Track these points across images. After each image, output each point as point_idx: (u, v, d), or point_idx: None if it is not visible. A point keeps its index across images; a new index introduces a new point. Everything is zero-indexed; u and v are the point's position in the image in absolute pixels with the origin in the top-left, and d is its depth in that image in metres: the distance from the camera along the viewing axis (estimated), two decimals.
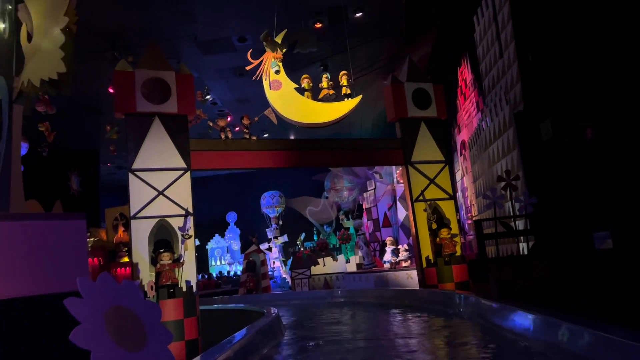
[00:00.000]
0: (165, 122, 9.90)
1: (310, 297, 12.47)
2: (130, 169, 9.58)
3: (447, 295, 7.92)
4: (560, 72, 7.34)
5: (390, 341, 5.89)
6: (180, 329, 9.03)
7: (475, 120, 15.06)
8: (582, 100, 6.64)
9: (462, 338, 5.60)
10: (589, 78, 6.72)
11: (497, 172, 9.66)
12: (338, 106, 12.06)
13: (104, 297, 4.34)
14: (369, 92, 20.80)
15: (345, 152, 11.62)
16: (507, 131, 8.92)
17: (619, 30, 6.40)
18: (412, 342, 5.55)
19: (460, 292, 7.40)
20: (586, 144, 6.52)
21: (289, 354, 5.74)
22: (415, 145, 11.77)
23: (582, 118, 6.59)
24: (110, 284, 4.56)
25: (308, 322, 8.83)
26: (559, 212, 7.89)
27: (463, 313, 7.02)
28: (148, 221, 9.54)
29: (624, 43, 6.34)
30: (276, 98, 11.69)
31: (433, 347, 5.32)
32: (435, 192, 11.72)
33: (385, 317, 8.42)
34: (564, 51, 7.44)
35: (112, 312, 4.44)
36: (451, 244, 11.19)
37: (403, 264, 14.13)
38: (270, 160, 10.86)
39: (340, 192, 21.79)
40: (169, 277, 9.23)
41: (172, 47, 16.36)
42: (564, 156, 7.32)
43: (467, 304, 6.91)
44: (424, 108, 11.89)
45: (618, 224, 6.26)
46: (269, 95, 11.54)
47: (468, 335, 5.80)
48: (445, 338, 5.74)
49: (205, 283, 23.33)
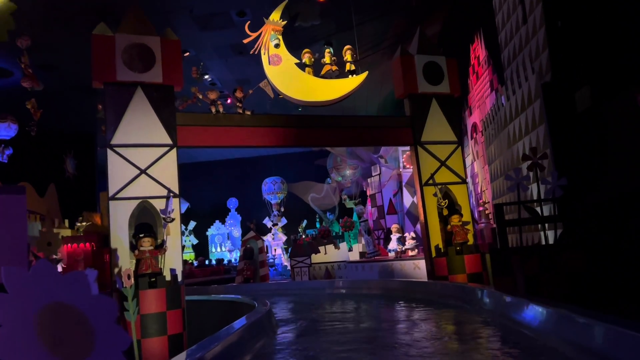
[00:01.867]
0: (149, 93, 8.80)
1: (309, 287, 11.40)
2: (108, 144, 8.49)
3: (465, 290, 6.82)
4: (602, 33, 6.17)
5: (404, 346, 4.81)
6: (162, 323, 7.99)
7: (488, 100, 13.88)
8: (630, 63, 5.49)
9: (494, 345, 4.52)
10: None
11: (519, 152, 8.53)
12: (341, 83, 10.94)
13: (39, 292, 3.45)
14: (375, 73, 19.61)
15: (349, 130, 10.48)
16: (532, 105, 7.77)
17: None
18: (431, 349, 4.47)
19: (481, 287, 6.30)
20: (635, 114, 5.38)
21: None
22: (426, 123, 10.64)
23: (630, 83, 5.45)
24: (48, 274, 3.57)
25: (305, 316, 7.76)
26: (594, 195, 6.77)
27: (485, 311, 5.93)
28: (128, 202, 8.48)
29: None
30: (275, 74, 10.60)
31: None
32: (446, 176, 10.61)
33: (395, 314, 7.34)
34: (603, 10, 6.27)
35: (48, 311, 3.47)
36: (463, 232, 10.11)
37: (410, 253, 13.03)
38: (266, 137, 9.74)
39: (343, 171, 20.64)
40: (149, 265, 8.17)
41: (167, 22, 15.20)
42: (604, 129, 6.19)
43: (492, 301, 5.81)
44: (436, 83, 10.73)
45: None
46: (267, 70, 10.44)
47: (497, 341, 4.72)
48: (473, 344, 4.66)
49: (215, 270, 22.50)
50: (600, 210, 6.66)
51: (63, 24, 14.51)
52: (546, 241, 7.15)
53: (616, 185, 6.16)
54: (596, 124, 6.39)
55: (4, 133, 17.74)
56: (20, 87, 15.23)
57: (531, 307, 4.69)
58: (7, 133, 17.78)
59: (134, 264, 8.37)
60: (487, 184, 14.63)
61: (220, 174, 30.01)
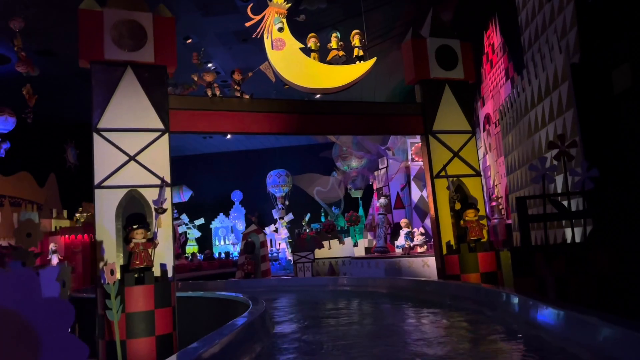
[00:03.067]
0: (140, 73, 8.06)
1: (311, 285, 10.65)
2: (94, 127, 7.77)
3: (484, 292, 6.03)
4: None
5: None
6: (150, 322, 7.29)
7: (503, 89, 13.07)
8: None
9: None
10: None
11: (541, 141, 7.72)
12: (348, 70, 10.17)
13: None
14: (383, 63, 18.81)
15: (356, 117, 9.70)
16: (559, 88, 6.96)
17: None
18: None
19: (503, 289, 5.52)
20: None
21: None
22: (438, 111, 9.84)
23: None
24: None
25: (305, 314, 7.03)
26: (629, 188, 5.97)
27: (508, 317, 5.16)
28: (116, 191, 7.76)
29: None
30: (279, 59, 9.84)
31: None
32: (459, 167, 9.82)
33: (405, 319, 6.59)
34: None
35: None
36: (478, 228, 9.32)
37: (418, 249, 12.25)
38: (266, 124, 8.98)
39: (349, 160, 19.83)
40: (143, 258, 7.46)
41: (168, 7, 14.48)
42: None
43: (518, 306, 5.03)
44: (449, 68, 9.92)
45: None
46: (270, 55, 9.67)
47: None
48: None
49: (223, 262, 22.00)
50: (636, 205, 5.86)
51: (61, 8, 13.82)
52: (573, 239, 6.35)
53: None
54: (636, 106, 5.58)
55: (1, 127, 17.12)
56: (20, 75, 14.59)
57: (571, 316, 3.92)
58: (4, 127, 17.16)
59: (121, 257, 7.68)
60: (500, 178, 13.82)
61: (224, 166, 29.34)
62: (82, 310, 7.55)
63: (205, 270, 19.07)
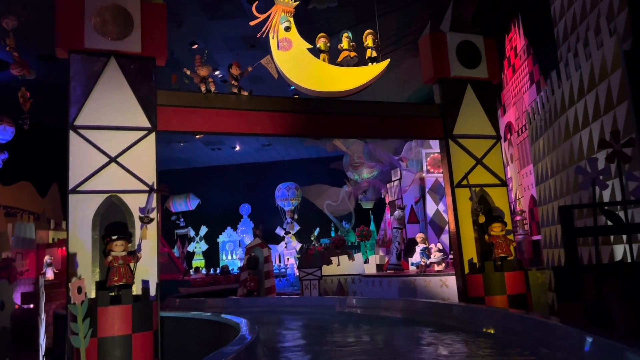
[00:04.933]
0: (124, 65, 7.08)
1: (316, 305, 9.46)
2: (70, 124, 6.77)
3: (536, 325, 4.80)
4: None
5: None
6: (126, 349, 6.17)
7: (527, 95, 11.93)
8: None
9: None
10: None
11: (583, 143, 6.56)
12: (360, 72, 9.16)
13: None
14: (396, 72, 17.81)
15: (368, 118, 8.62)
16: (607, 79, 5.83)
17: None
18: None
19: (568, 323, 4.32)
20: None
21: None
22: (459, 114, 8.75)
23: None
24: None
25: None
26: None
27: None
28: (93, 197, 6.74)
29: None
30: (285, 60, 8.88)
31: None
32: (483, 176, 8.69)
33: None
34: None
35: None
36: (505, 244, 8.14)
37: (436, 267, 11.04)
38: (266, 124, 7.93)
39: (360, 169, 18.66)
40: (122, 274, 6.37)
41: (173, 10, 13.64)
42: None
43: (592, 346, 3.82)
44: (472, 67, 8.85)
45: None
46: (276, 56, 8.69)
47: None
48: None
49: (238, 276, 21.07)
50: None
51: None
52: (630, 257, 5.17)
53: None
54: None
55: (0, 136, 16.29)
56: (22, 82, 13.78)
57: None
58: (3, 136, 16.30)
59: (97, 273, 6.61)
60: (523, 191, 12.62)
61: (232, 179, 28.35)
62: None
63: (221, 285, 18.27)
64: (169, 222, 25.39)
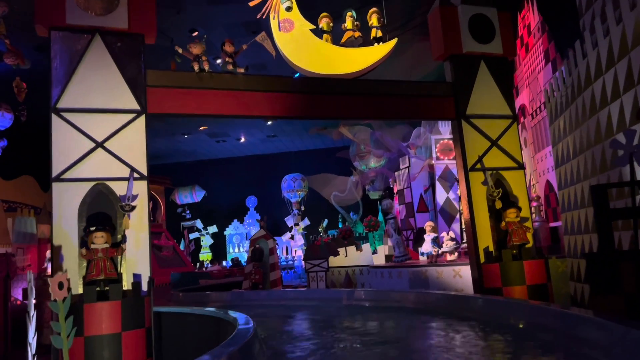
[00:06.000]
0: (110, 42, 6.51)
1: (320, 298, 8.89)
2: (52, 107, 6.22)
3: (567, 317, 4.19)
4: None
5: None
6: (116, 349, 5.64)
7: (542, 75, 11.25)
8: None
9: None
10: None
11: (612, 117, 5.91)
12: (366, 53, 8.55)
13: None
14: (404, 57, 17.10)
15: (374, 98, 8.00)
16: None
17: None
18: None
19: (611, 319, 3.71)
20: None
21: None
22: (472, 92, 8.11)
23: None
24: None
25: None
26: None
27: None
28: (79, 185, 6.21)
29: None
30: (286, 42, 8.31)
31: None
32: (498, 159, 8.06)
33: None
34: None
35: None
36: (521, 231, 7.56)
37: (448, 257, 10.42)
38: (264, 105, 7.33)
39: (367, 159, 18.00)
40: (101, 268, 5.84)
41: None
42: None
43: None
44: (486, 42, 8.21)
45: None
46: (277, 38, 8.12)
47: None
48: None
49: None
50: None
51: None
52: None
53: None
54: None
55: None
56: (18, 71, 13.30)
57: None
58: (1, 123, 15.87)
59: (84, 268, 6.08)
60: (539, 176, 11.97)
61: (238, 171, 27.83)
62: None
63: (236, 277, 18.08)
64: (175, 214, 24.92)
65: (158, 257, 19.20)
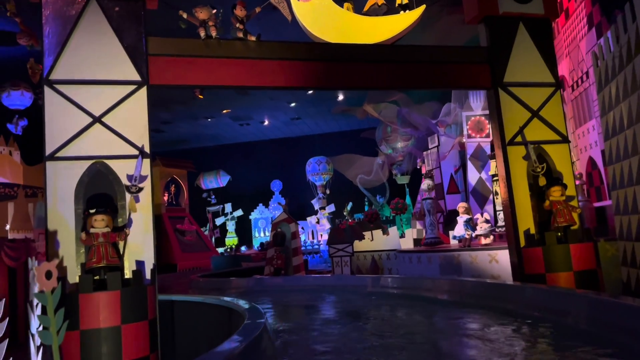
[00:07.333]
0: (107, 7, 5.87)
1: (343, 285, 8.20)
2: (45, 78, 5.62)
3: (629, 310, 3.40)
4: None
5: None
6: (115, 343, 5.08)
7: (584, 42, 10.19)
8: None
9: None
10: None
11: None
12: (390, 21, 7.79)
13: None
14: (431, 32, 16.12)
15: (401, 66, 7.18)
16: None
17: None
18: None
19: None
20: None
21: None
22: (510, 58, 7.23)
23: None
24: None
25: None
26: None
27: None
28: (75, 164, 5.62)
29: None
30: (306, 12, 7.64)
31: None
32: (539, 131, 7.20)
33: None
34: None
35: None
36: (567, 211, 6.72)
37: (482, 240, 9.57)
38: (278, 74, 6.59)
39: (394, 142, 17.14)
40: (102, 254, 5.26)
41: None
42: None
43: None
44: (524, 1, 7.27)
45: None
46: (296, 8, 7.42)
47: None
48: None
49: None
50: None
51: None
52: None
53: None
54: None
55: (18, 102, 15.59)
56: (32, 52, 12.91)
57: None
58: (21, 102, 15.62)
59: (82, 254, 5.51)
60: (579, 153, 10.97)
61: (263, 155, 27.32)
62: None
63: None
64: (200, 199, 24.57)
65: (181, 242, 18.87)
